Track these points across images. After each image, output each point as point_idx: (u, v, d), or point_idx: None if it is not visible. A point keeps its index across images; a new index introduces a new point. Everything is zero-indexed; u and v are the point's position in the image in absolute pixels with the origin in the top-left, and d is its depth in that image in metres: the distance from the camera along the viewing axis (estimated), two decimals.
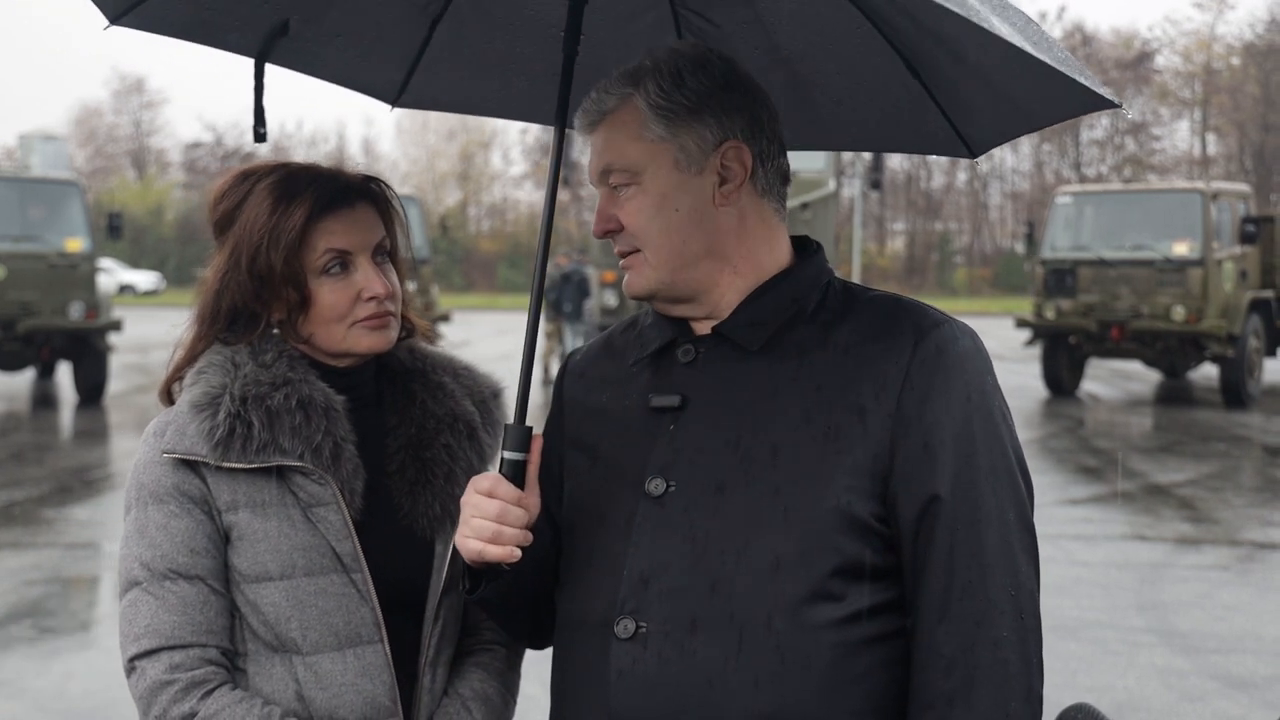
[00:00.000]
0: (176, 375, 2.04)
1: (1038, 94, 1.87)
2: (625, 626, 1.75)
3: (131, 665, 1.91)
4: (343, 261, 2.00)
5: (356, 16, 2.13)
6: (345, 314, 2.00)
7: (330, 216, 1.99)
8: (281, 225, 1.96)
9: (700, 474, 1.78)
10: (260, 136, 2.11)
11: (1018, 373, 21.68)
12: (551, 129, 2.13)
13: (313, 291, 1.99)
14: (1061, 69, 1.67)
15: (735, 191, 1.83)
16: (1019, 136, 2.09)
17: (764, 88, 1.88)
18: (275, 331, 2.03)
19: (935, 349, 1.75)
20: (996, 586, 1.71)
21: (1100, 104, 1.79)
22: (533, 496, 1.81)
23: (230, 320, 2.02)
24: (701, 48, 1.87)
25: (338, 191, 2.01)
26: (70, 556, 8.93)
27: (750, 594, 1.71)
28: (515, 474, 1.81)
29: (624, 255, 1.85)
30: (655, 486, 1.79)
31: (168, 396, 2.06)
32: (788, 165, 1.90)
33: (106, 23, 2.03)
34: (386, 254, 2.06)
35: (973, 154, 2.15)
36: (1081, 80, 1.71)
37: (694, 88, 1.81)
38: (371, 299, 2.00)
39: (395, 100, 2.39)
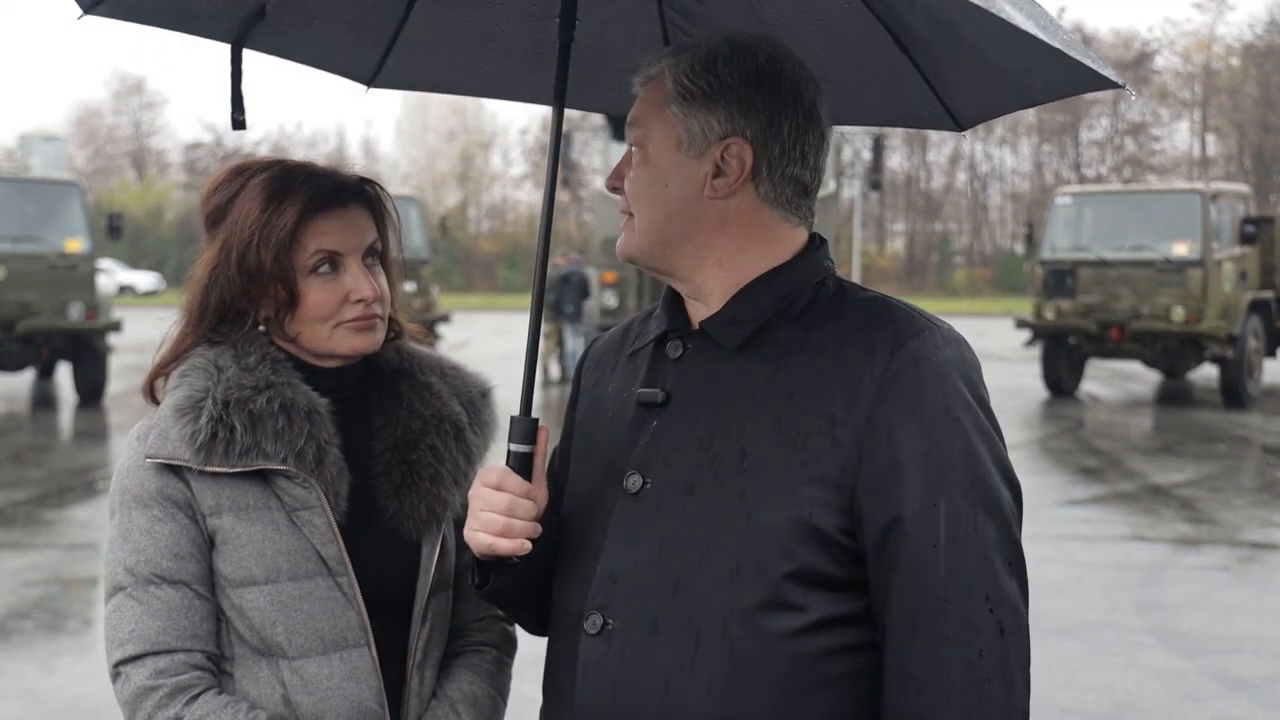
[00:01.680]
0: (159, 371, 2.03)
1: (1037, 73, 1.85)
2: (594, 621, 1.75)
3: (116, 671, 1.90)
4: (332, 262, 1.99)
5: None
6: (332, 314, 1.99)
7: (322, 216, 1.98)
8: (273, 223, 1.95)
9: (674, 473, 1.76)
10: (239, 124, 2.10)
11: (1018, 373, 21.67)
12: (549, 129, 2.11)
13: (301, 290, 1.98)
14: (1071, 53, 1.65)
15: (729, 188, 1.79)
16: (1013, 111, 2.07)
17: (814, 100, 1.82)
18: (262, 329, 2.02)
19: (911, 359, 1.70)
20: (972, 604, 1.65)
21: (1102, 83, 1.76)
22: (541, 489, 1.81)
23: (218, 316, 2.01)
24: (757, 39, 1.83)
25: (331, 191, 2.00)
26: (70, 557, 8.93)
27: (709, 599, 1.69)
28: (522, 466, 1.80)
29: (624, 214, 1.87)
30: (632, 483, 1.78)
31: (150, 393, 2.04)
32: (811, 178, 1.84)
33: (80, 13, 2.00)
34: (377, 256, 2.05)
35: (960, 127, 2.14)
36: (1087, 63, 1.69)
37: (720, 77, 1.79)
38: (359, 301, 1.99)
39: (371, 81, 2.37)
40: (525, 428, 1.81)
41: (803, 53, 2.05)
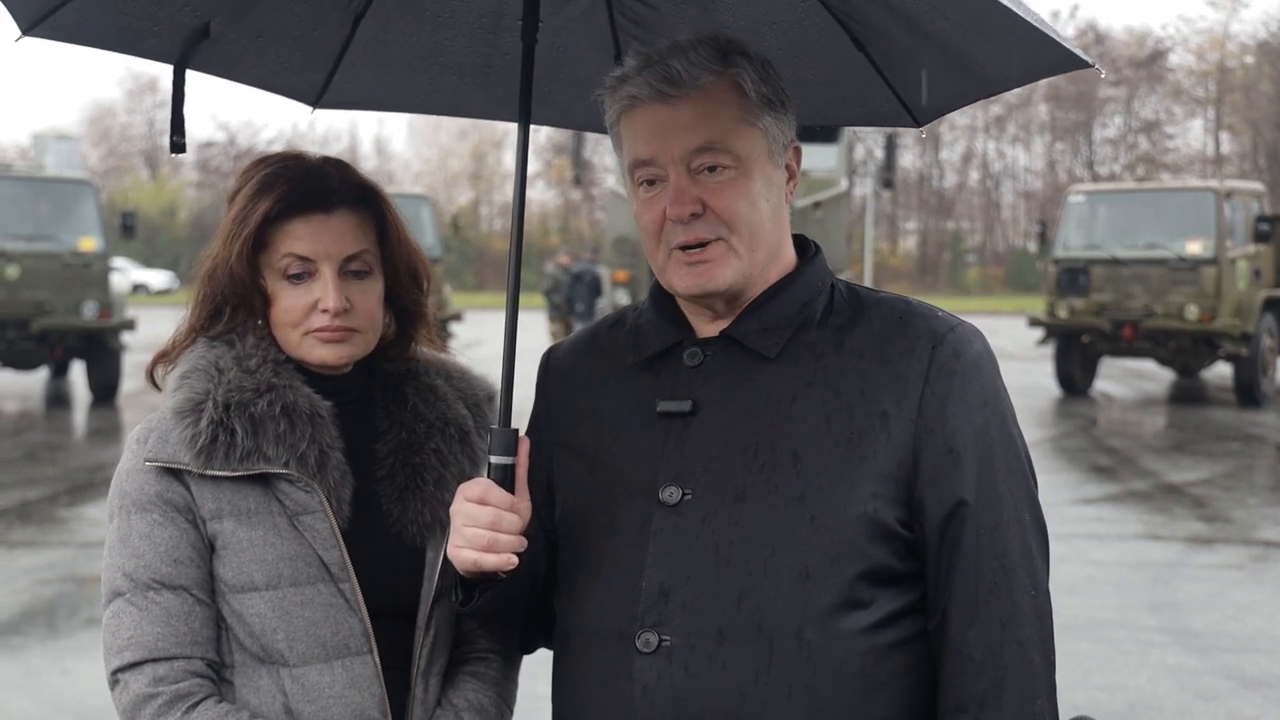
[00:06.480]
0: (160, 357, 2.01)
1: (1001, 58, 1.84)
2: (647, 640, 1.72)
3: (115, 678, 1.89)
4: (305, 269, 1.94)
5: (279, 15, 2.08)
6: (299, 321, 1.95)
7: (299, 220, 1.94)
8: (248, 219, 1.93)
9: (718, 482, 1.74)
10: (177, 147, 2.05)
11: (1030, 372, 21.62)
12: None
13: (272, 293, 1.95)
14: (1043, 29, 1.66)
15: (790, 193, 1.83)
16: (973, 102, 2.06)
17: None
18: (260, 322, 1.98)
19: (952, 353, 1.75)
20: (1019, 588, 1.72)
21: (1072, 64, 1.75)
22: (524, 501, 1.78)
23: (212, 305, 1.98)
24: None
25: (313, 195, 1.95)
26: (84, 555, 8.94)
27: (779, 604, 1.69)
28: (504, 479, 1.77)
29: (699, 245, 1.76)
30: (670, 495, 1.75)
31: (151, 378, 2.02)
32: None
33: (19, 34, 1.93)
34: (368, 268, 1.98)
35: (918, 123, 2.13)
36: (1058, 40, 1.69)
37: (777, 82, 1.81)
38: (324, 311, 1.93)
39: (316, 101, 2.33)
40: (505, 439, 1.79)
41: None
